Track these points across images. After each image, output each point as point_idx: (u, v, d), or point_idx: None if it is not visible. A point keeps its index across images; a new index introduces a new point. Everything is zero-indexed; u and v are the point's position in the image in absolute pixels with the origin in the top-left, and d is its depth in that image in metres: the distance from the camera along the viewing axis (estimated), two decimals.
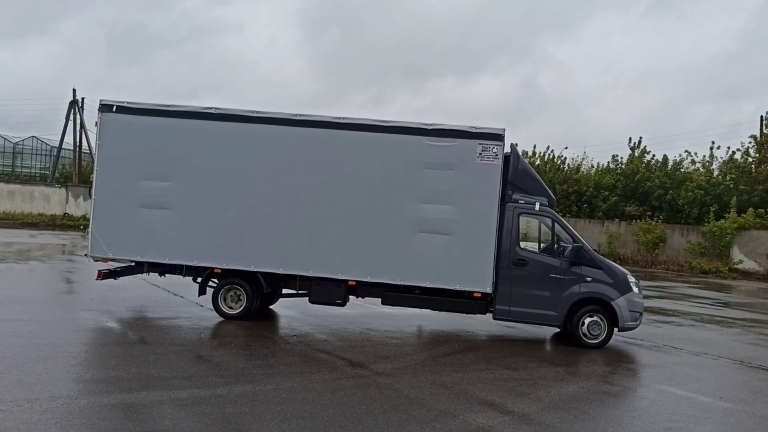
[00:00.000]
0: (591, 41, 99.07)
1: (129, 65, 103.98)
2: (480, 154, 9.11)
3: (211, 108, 9.62)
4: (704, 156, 33.11)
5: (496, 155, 9.12)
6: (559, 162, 35.91)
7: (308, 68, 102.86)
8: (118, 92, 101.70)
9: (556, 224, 9.63)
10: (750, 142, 30.63)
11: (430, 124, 9.26)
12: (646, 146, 33.30)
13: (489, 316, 9.60)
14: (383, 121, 9.36)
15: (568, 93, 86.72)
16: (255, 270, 9.49)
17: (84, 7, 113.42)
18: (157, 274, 10.15)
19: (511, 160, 9.54)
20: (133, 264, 10.05)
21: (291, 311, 10.77)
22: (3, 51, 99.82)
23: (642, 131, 70.02)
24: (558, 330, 10.03)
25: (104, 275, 9.94)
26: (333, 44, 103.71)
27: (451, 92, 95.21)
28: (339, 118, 9.40)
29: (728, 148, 32.16)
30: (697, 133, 76.78)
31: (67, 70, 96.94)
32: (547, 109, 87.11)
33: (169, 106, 9.69)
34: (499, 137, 9.13)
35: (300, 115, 9.45)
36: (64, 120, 38.99)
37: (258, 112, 9.53)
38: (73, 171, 39.85)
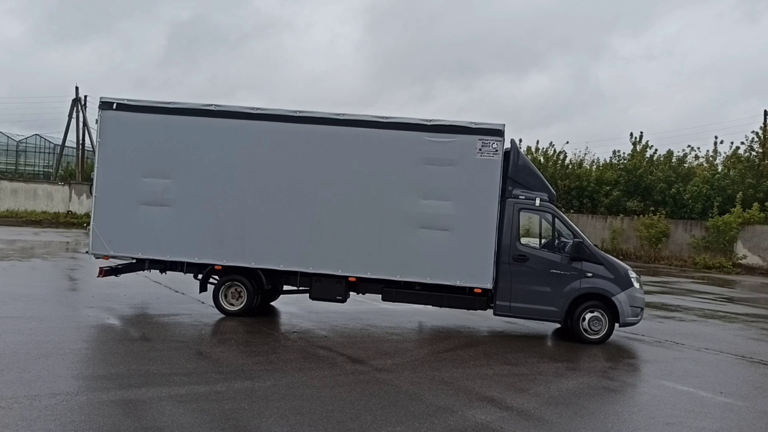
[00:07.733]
0: (657, 37, 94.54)
1: (179, 63, 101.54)
2: (480, 149, 9.09)
3: (211, 105, 9.62)
4: (707, 151, 33.00)
5: (496, 151, 9.09)
6: (561, 157, 35.74)
7: (364, 66, 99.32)
8: (158, 91, 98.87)
9: (556, 220, 9.61)
10: (753, 138, 30.48)
11: (430, 120, 9.24)
12: (648, 141, 33.22)
13: (489, 312, 9.59)
14: (382, 117, 9.34)
15: (621, 90, 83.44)
16: (255, 267, 9.51)
17: (150, 5, 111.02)
18: (158, 271, 10.17)
19: (511, 155, 9.53)
20: (134, 261, 10.08)
21: (291, 308, 10.78)
22: (55, 51, 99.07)
23: (685, 127, 68.30)
24: (559, 326, 10.02)
25: (105, 272, 9.97)
26: (391, 42, 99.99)
27: (499, 89, 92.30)
28: (339, 115, 9.39)
29: (731, 143, 31.93)
30: (743, 123, 74.70)
31: (116, 69, 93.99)
32: (596, 105, 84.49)
33: (169, 103, 9.70)
34: (499, 133, 9.11)
35: (300, 112, 9.45)
36: (67, 118, 39.11)
37: (258, 109, 9.52)
38: (76, 169, 39.95)
